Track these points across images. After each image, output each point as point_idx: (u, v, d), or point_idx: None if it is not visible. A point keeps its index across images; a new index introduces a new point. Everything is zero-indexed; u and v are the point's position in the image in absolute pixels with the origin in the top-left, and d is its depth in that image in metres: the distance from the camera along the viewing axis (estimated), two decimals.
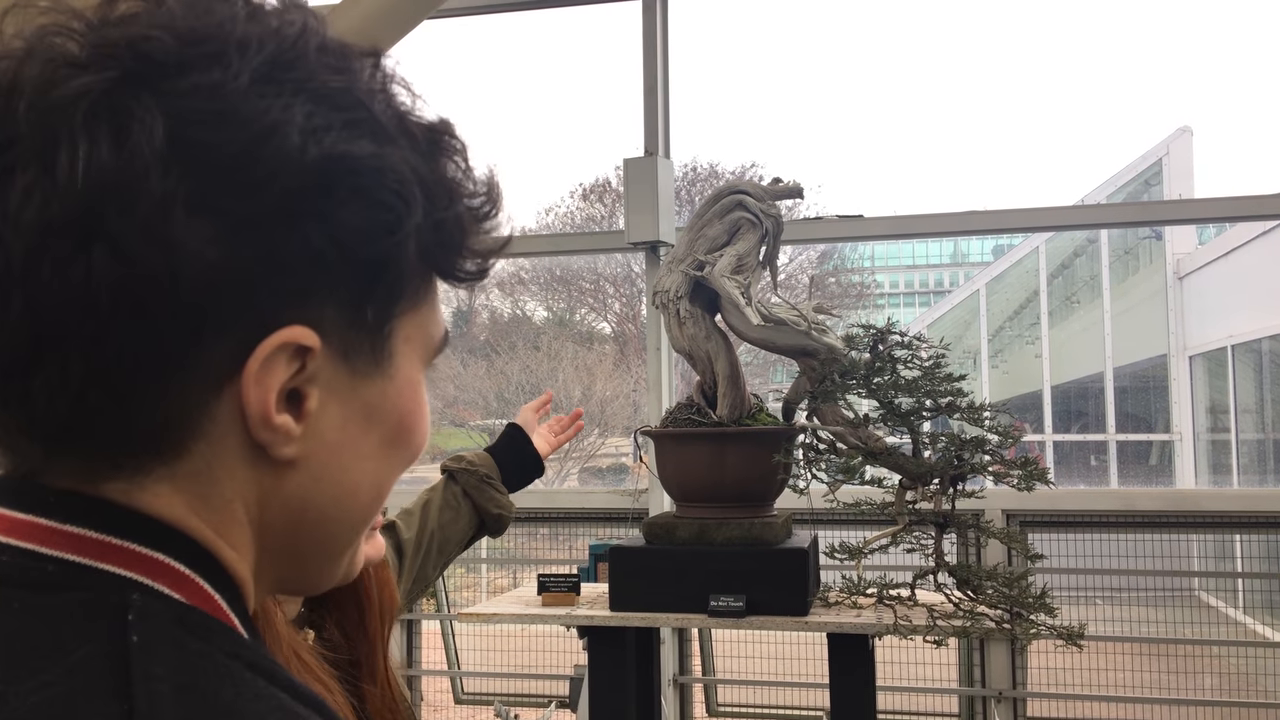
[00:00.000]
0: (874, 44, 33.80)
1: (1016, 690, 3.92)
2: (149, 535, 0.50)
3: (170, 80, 0.48)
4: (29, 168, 0.46)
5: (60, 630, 0.47)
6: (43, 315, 0.47)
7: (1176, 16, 38.02)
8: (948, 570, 2.76)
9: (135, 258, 0.46)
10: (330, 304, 0.52)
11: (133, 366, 0.48)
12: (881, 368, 2.81)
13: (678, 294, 2.97)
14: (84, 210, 0.46)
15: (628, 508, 4.16)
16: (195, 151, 0.47)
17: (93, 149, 0.46)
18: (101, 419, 0.49)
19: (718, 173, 16.32)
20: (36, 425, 0.50)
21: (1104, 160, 38.79)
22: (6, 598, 0.48)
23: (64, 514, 0.50)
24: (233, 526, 0.54)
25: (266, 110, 0.48)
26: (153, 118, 0.46)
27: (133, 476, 0.51)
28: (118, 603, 0.48)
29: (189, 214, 0.47)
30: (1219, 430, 11.67)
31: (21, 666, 0.45)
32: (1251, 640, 4.56)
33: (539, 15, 4.64)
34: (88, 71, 0.47)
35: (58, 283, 0.46)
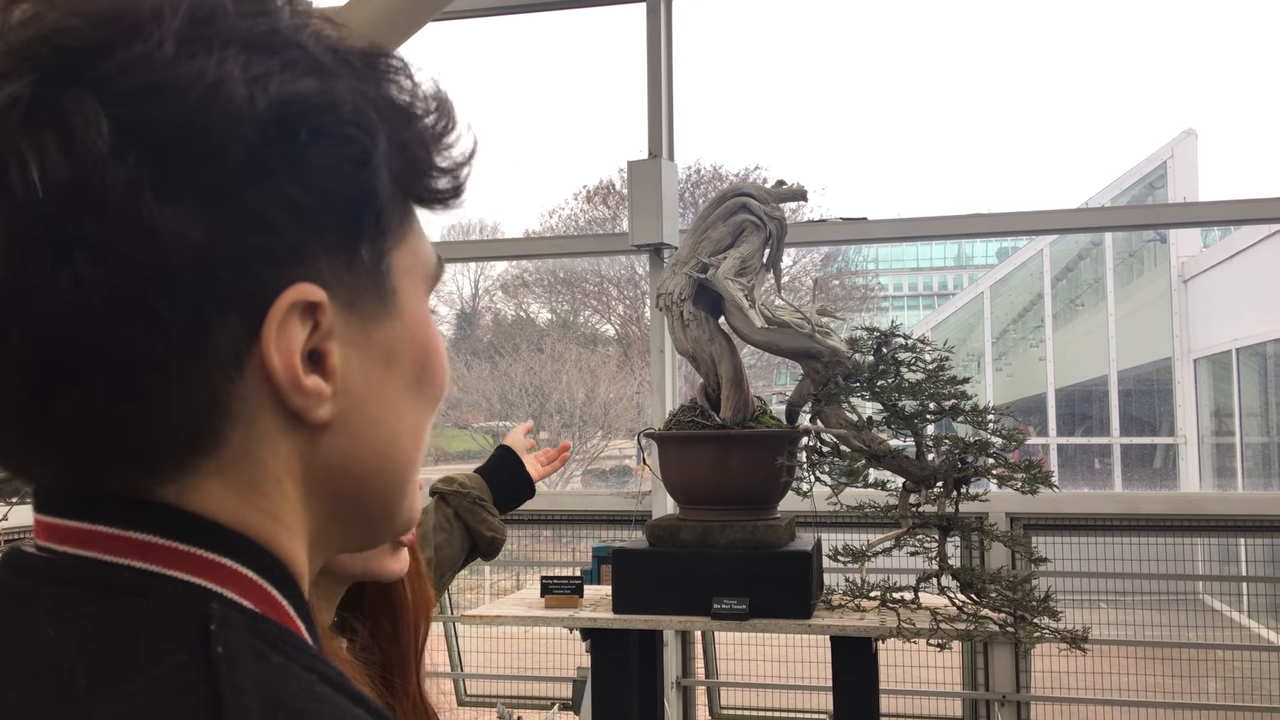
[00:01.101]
0: (879, 47, 33.79)
1: (1020, 693, 3.92)
2: (213, 540, 0.49)
3: (95, 67, 0.45)
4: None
5: (142, 638, 0.46)
6: (44, 338, 0.45)
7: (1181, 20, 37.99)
8: (951, 573, 2.76)
9: (118, 255, 0.44)
10: (323, 253, 0.50)
11: (148, 366, 0.46)
12: (885, 370, 2.81)
13: (681, 296, 2.97)
14: (52, 220, 0.44)
15: (631, 510, 4.16)
16: (145, 132, 0.45)
17: (43, 156, 0.44)
18: (134, 427, 0.48)
19: (722, 175, 16.33)
20: (71, 448, 0.48)
21: (1109, 163, 38.74)
22: (80, 601, 0.47)
23: (127, 520, 0.49)
24: (285, 507, 0.53)
25: (202, 71, 0.46)
26: (92, 109, 0.44)
27: (181, 478, 0.50)
28: (198, 612, 0.47)
29: (159, 198, 0.45)
30: (1223, 433, 11.65)
31: (105, 673, 0.44)
32: (1256, 644, 4.55)
33: (543, 18, 4.64)
34: (8, 80, 0.45)
35: (48, 301, 0.44)
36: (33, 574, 0.49)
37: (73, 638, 0.46)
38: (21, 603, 0.48)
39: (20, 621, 0.47)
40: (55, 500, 0.51)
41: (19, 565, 0.50)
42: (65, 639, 0.46)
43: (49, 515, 0.50)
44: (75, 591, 0.48)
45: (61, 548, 0.49)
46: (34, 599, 0.48)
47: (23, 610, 0.48)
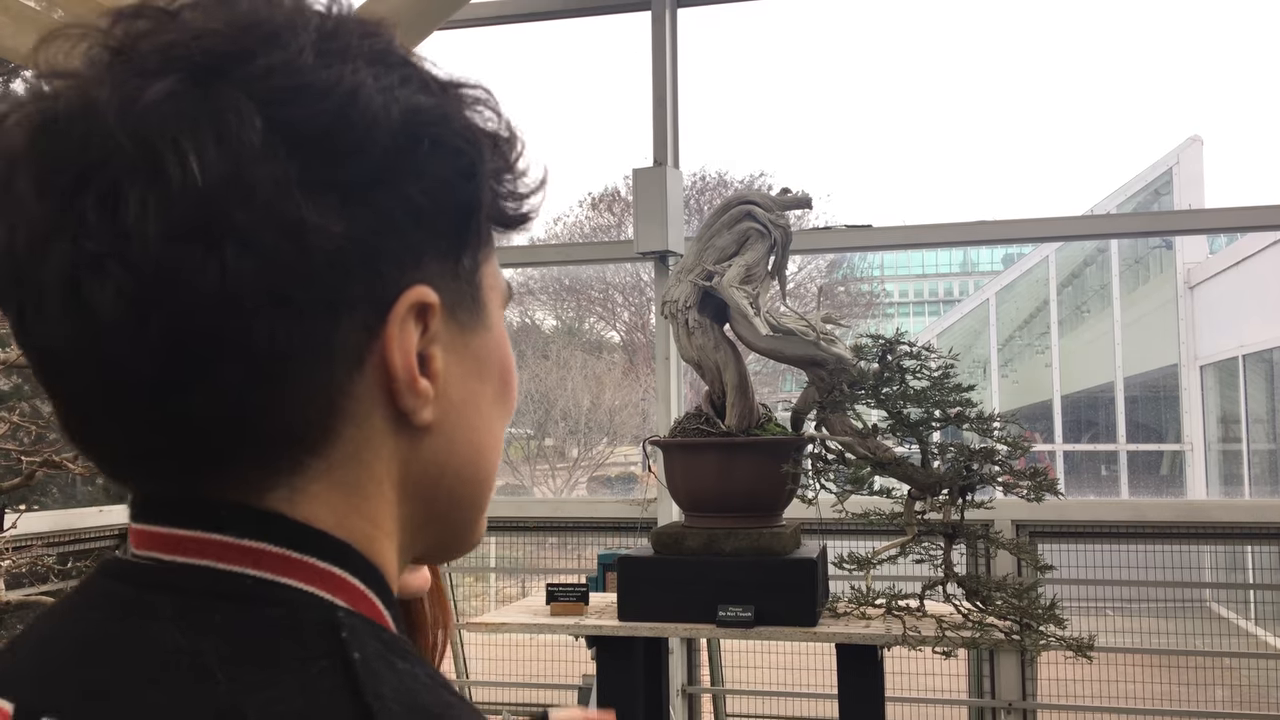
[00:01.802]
0: (883, 54, 33.81)
1: (1026, 701, 3.91)
2: (323, 548, 0.51)
3: (241, 68, 0.47)
4: (136, 181, 0.45)
5: (278, 644, 0.47)
6: (187, 326, 0.46)
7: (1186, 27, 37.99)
8: (957, 581, 2.75)
9: (266, 247, 0.46)
10: (434, 259, 0.52)
11: (284, 358, 0.48)
12: (890, 378, 2.81)
13: (686, 304, 2.98)
14: (207, 211, 0.45)
15: (636, 517, 4.16)
16: (293, 130, 0.47)
17: (199, 148, 0.45)
18: (262, 420, 0.49)
19: (726, 182, 16.34)
20: (196, 443, 0.49)
21: (1114, 170, 38.69)
22: (204, 609, 0.48)
23: (241, 528, 0.50)
24: (384, 511, 0.54)
25: (340, 77, 0.48)
26: (244, 105, 0.46)
27: (292, 480, 0.51)
28: (326, 620, 0.48)
29: (305, 193, 0.46)
30: (1230, 440, 11.62)
31: (248, 677, 0.45)
32: (1263, 652, 4.53)
33: (549, 26, 4.65)
34: (161, 77, 0.46)
35: (195, 289, 0.45)
36: (144, 582, 0.50)
37: (205, 644, 0.46)
38: (141, 611, 0.49)
39: (143, 629, 0.48)
40: (161, 509, 0.51)
41: (124, 574, 0.51)
42: (197, 645, 0.46)
43: (154, 524, 0.51)
44: (197, 599, 0.48)
45: (171, 556, 0.50)
46: (155, 607, 0.48)
47: (143, 618, 0.48)
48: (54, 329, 0.47)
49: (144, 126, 0.45)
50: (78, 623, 0.51)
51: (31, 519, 3.46)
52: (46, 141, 0.47)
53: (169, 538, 0.50)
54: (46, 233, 0.46)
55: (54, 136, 0.47)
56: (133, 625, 0.49)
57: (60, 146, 0.47)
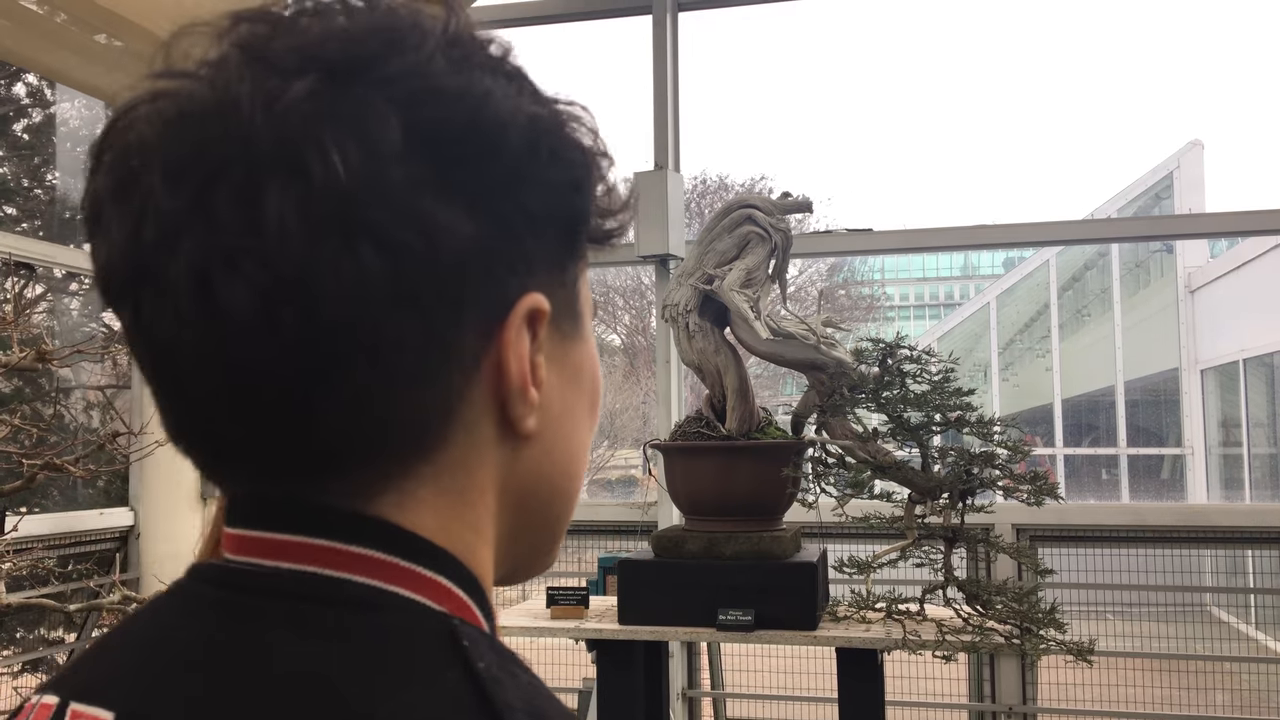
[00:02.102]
0: (885, 58, 33.83)
1: (1027, 706, 3.90)
2: (429, 556, 0.50)
3: (375, 70, 0.47)
4: (277, 178, 0.45)
5: (401, 654, 0.47)
6: (321, 325, 0.46)
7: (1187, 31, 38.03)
8: (957, 585, 2.75)
9: (400, 246, 0.46)
10: (544, 268, 0.52)
11: (409, 360, 0.47)
12: (890, 382, 2.81)
13: (687, 308, 2.98)
14: (347, 208, 0.45)
15: (637, 520, 4.16)
16: (428, 132, 0.47)
17: (341, 147, 0.45)
18: (381, 423, 0.48)
19: (727, 185, 16.35)
20: (314, 445, 0.48)
21: (1115, 174, 38.72)
22: (317, 616, 0.47)
23: (351, 535, 0.49)
24: (485, 519, 0.54)
25: (470, 83, 0.49)
26: (382, 107, 0.46)
27: (401, 484, 0.50)
28: (445, 630, 0.48)
29: (435, 194, 0.47)
30: (1231, 444, 11.61)
31: (374, 686, 0.45)
32: (1264, 656, 4.53)
33: (550, 30, 4.66)
34: (300, 76, 0.46)
35: (330, 287, 0.45)
36: (248, 588, 0.49)
37: (324, 651, 0.46)
38: (249, 617, 0.48)
39: (253, 636, 0.47)
40: (262, 513, 0.50)
41: (223, 579, 0.50)
42: (313, 652, 0.46)
43: (255, 529, 0.50)
44: (310, 605, 0.48)
45: (275, 562, 0.49)
46: (262, 613, 0.48)
47: (253, 625, 0.48)
48: (178, 326, 0.46)
49: (286, 124, 0.45)
50: (177, 629, 0.50)
51: (32, 522, 3.47)
52: (180, 135, 0.47)
53: (272, 542, 0.49)
54: (177, 227, 0.46)
55: (188, 130, 0.47)
56: (242, 632, 0.48)
57: (194, 141, 0.46)
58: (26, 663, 3.97)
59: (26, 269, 3.94)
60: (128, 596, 2.91)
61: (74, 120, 5.21)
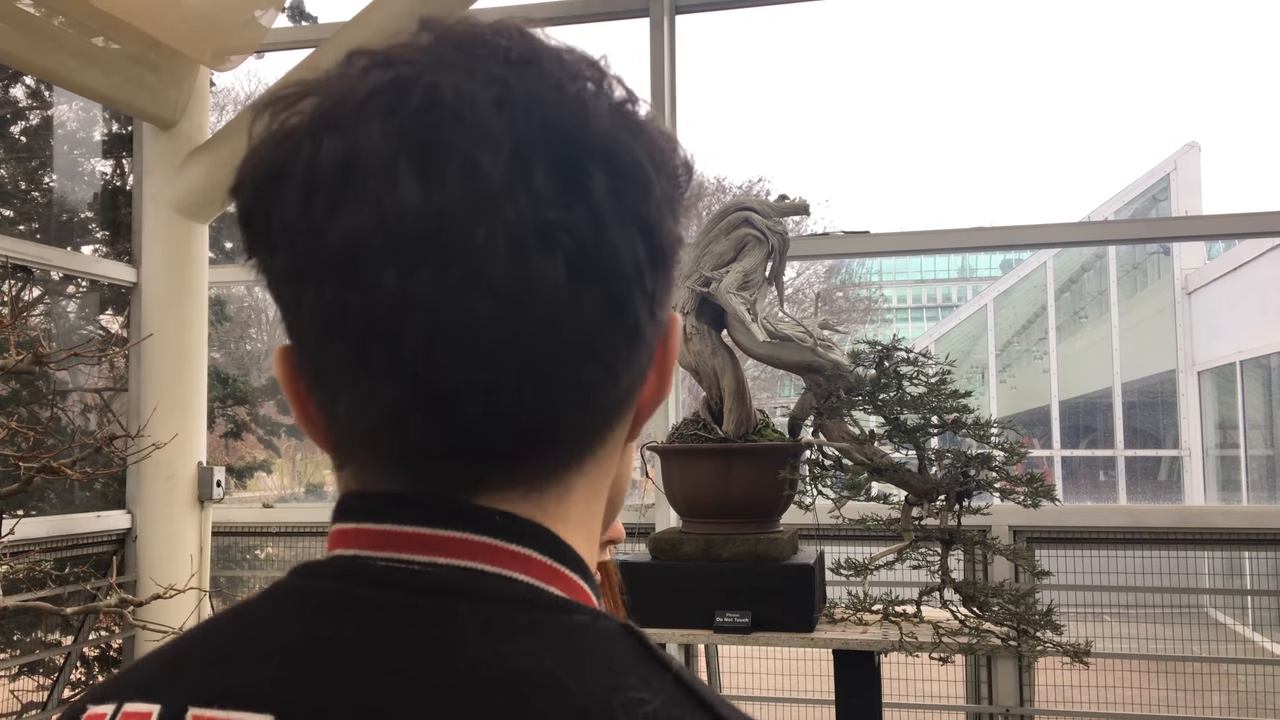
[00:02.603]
0: (882, 60, 33.85)
1: (1024, 707, 3.91)
2: (569, 559, 0.53)
3: (625, 104, 0.54)
4: (599, 166, 0.50)
5: (597, 650, 0.49)
6: (610, 299, 0.50)
7: (1184, 33, 38.08)
8: (954, 587, 2.75)
9: (659, 246, 0.52)
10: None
11: (641, 344, 0.53)
12: (887, 384, 2.81)
13: (684, 310, 2.98)
14: (640, 203, 0.51)
15: (634, 523, 4.16)
16: (665, 162, 0.54)
17: (640, 153, 0.52)
18: (601, 405, 0.53)
19: (725, 187, 16.35)
20: (544, 420, 0.50)
21: (1112, 176, 38.77)
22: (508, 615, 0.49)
23: (509, 534, 0.51)
24: (599, 512, 0.57)
25: (654, 121, 0.55)
26: (650, 128, 0.54)
27: (566, 477, 0.53)
28: (621, 627, 0.51)
29: (673, 210, 0.54)
30: (1228, 446, 11.62)
31: (592, 682, 0.46)
32: (1261, 658, 4.53)
33: (548, 32, 4.66)
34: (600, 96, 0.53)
35: (622, 268, 0.50)
36: (411, 587, 0.49)
37: (529, 647, 0.47)
38: (433, 618, 0.48)
39: (441, 635, 0.48)
40: (423, 511, 0.51)
41: (371, 578, 0.50)
42: (523, 650, 0.47)
43: (413, 526, 0.51)
44: (501, 606, 0.49)
45: (430, 558, 0.50)
46: (454, 613, 0.48)
47: (432, 623, 0.48)
48: (470, 293, 0.47)
49: (607, 125, 0.51)
50: (334, 630, 0.49)
51: (29, 524, 3.46)
52: (511, 116, 0.49)
53: (430, 539, 0.50)
54: (497, 193, 0.47)
55: (519, 107, 0.49)
56: (423, 632, 0.48)
57: (527, 118, 0.49)
58: (23, 666, 3.96)
59: (24, 272, 3.94)
60: (125, 599, 2.91)
61: (71, 123, 5.21)
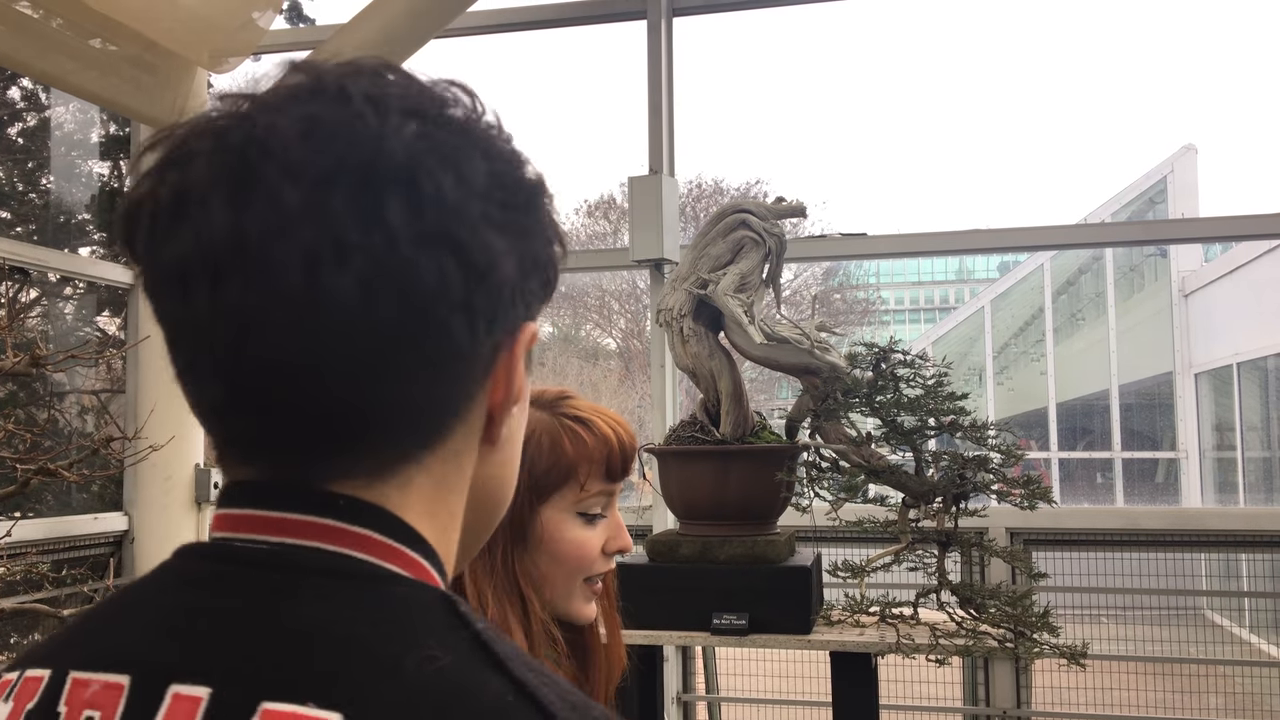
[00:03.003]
0: (880, 63, 33.88)
1: (1021, 709, 3.91)
2: (414, 541, 0.59)
3: (463, 124, 0.59)
4: (395, 193, 0.54)
5: (410, 617, 0.55)
6: (406, 314, 0.54)
7: (1181, 36, 38.12)
8: (950, 588, 2.76)
9: (472, 263, 0.56)
10: (535, 305, 0.63)
11: (455, 353, 0.57)
12: (884, 386, 2.81)
13: (681, 312, 2.98)
14: (444, 224, 0.55)
15: (631, 525, 4.16)
16: (497, 179, 0.58)
17: (445, 177, 0.55)
18: (417, 406, 0.57)
19: (722, 189, 16.37)
20: (355, 418, 0.56)
21: (1109, 178, 38.82)
22: (341, 587, 0.55)
23: (352, 516, 0.57)
24: (458, 507, 0.63)
25: (514, 147, 0.61)
26: (475, 152, 0.58)
27: (405, 470, 0.59)
28: (440, 596, 0.57)
29: (499, 229, 0.57)
30: (1225, 448, 11.64)
31: (397, 642, 0.53)
32: (1258, 660, 4.54)
33: (544, 35, 4.67)
34: (411, 118, 0.56)
35: (422, 284, 0.54)
36: (262, 564, 0.56)
37: (348, 614, 0.54)
38: (277, 589, 0.55)
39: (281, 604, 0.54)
40: (273, 495, 0.57)
41: (230, 556, 0.57)
42: (342, 616, 0.54)
43: (265, 509, 0.57)
44: (332, 579, 0.56)
45: (281, 539, 0.56)
46: (293, 585, 0.55)
47: (282, 595, 0.55)
48: (270, 303, 0.53)
49: (405, 150, 0.55)
50: (198, 601, 0.56)
51: (26, 526, 3.46)
52: (313, 143, 0.54)
53: (285, 522, 0.57)
54: (293, 217, 0.53)
55: (318, 139, 0.55)
56: (275, 602, 0.54)
57: (323, 148, 0.54)
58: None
59: (21, 273, 3.94)
60: None
61: (69, 125, 5.21)
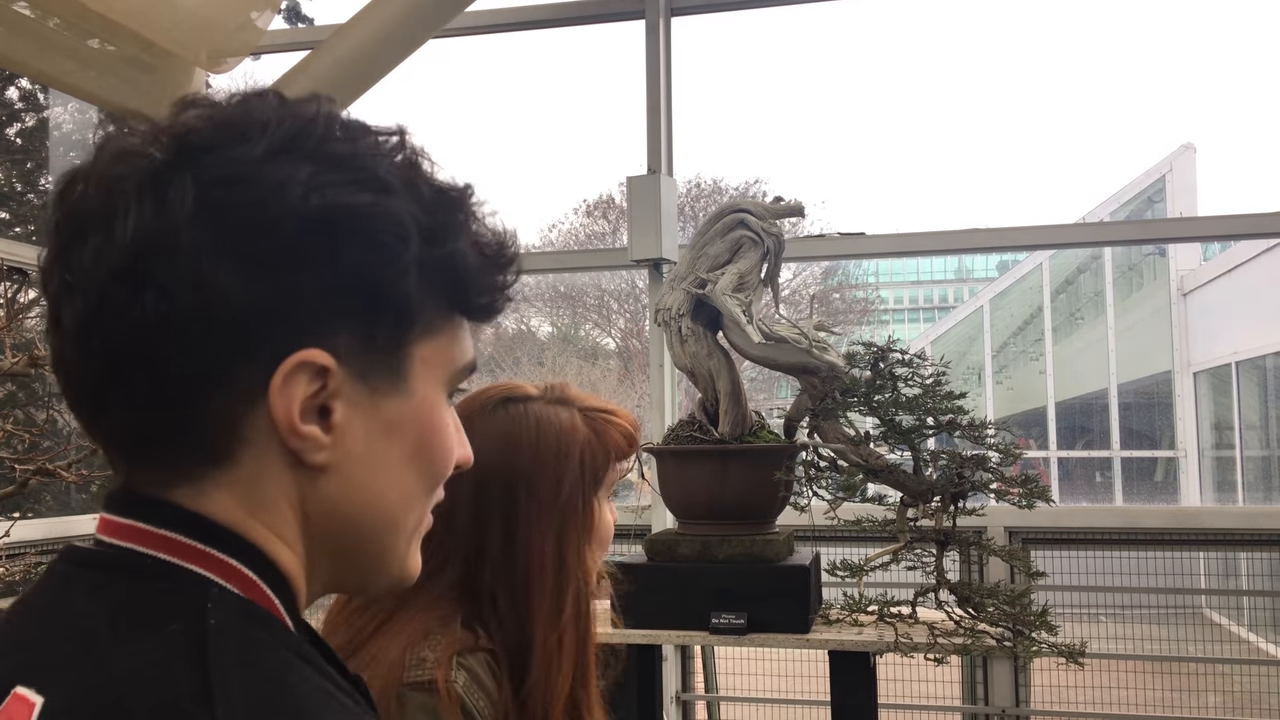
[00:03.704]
0: (878, 62, 33.88)
1: (1020, 708, 3.91)
2: (222, 541, 0.61)
3: (203, 158, 0.59)
4: (97, 232, 0.58)
5: (154, 610, 0.57)
6: (114, 348, 0.58)
7: (1180, 36, 38.13)
8: (949, 587, 2.76)
9: (176, 297, 0.57)
10: (344, 330, 0.61)
11: (183, 385, 0.59)
12: (882, 385, 2.82)
13: (679, 312, 2.99)
14: (135, 262, 0.57)
15: (630, 524, 4.17)
16: (217, 209, 0.58)
17: (140, 214, 0.57)
18: (164, 430, 0.60)
19: (721, 189, 16.38)
20: (119, 438, 0.61)
21: (1107, 177, 38.82)
22: (112, 583, 0.59)
23: (150, 517, 0.61)
24: (283, 524, 0.63)
25: (275, 171, 0.59)
26: (185, 186, 0.58)
27: (197, 484, 0.61)
28: (199, 593, 0.58)
29: (215, 260, 0.57)
30: (1223, 446, 11.65)
31: (122, 635, 0.56)
32: (1257, 658, 4.54)
33: (543, 35, 4.67)
34: (141, 158, 0.59)
35: (122, 321, 0.57)
36: (79, 561, 0.62)
37: (101, 609, 0.57)
38: (65, 583, 0.61)
39: (63, 598, 0.60)
40: (113, 500, 0.63)
41: (73, 556, 0.63)
42: (95, 610, 0.57)
43: (108, 513, 0.63)
44: (109, 575, 0.60)
45: (110, 540, 0.61)
46: (75, 580, 0.60)
47: (65, 589, 0.61)
48: (50, 337, 0.61)
49: (112, 193, 0.58)
50: (34, 597, 0.63)
51: (25, 527, 3.46)
52: (77, 202, 0.61)
53: (111, 524, 0.62)
54: (52, 259, 0.60)
55: (76, 198, 0.61)
56: (58, 595, 0.61)
57: (79, 205, 0.60)
58: None
59: (20, 274, 3.94)
60: None
61: (67, 125, 5.20)
